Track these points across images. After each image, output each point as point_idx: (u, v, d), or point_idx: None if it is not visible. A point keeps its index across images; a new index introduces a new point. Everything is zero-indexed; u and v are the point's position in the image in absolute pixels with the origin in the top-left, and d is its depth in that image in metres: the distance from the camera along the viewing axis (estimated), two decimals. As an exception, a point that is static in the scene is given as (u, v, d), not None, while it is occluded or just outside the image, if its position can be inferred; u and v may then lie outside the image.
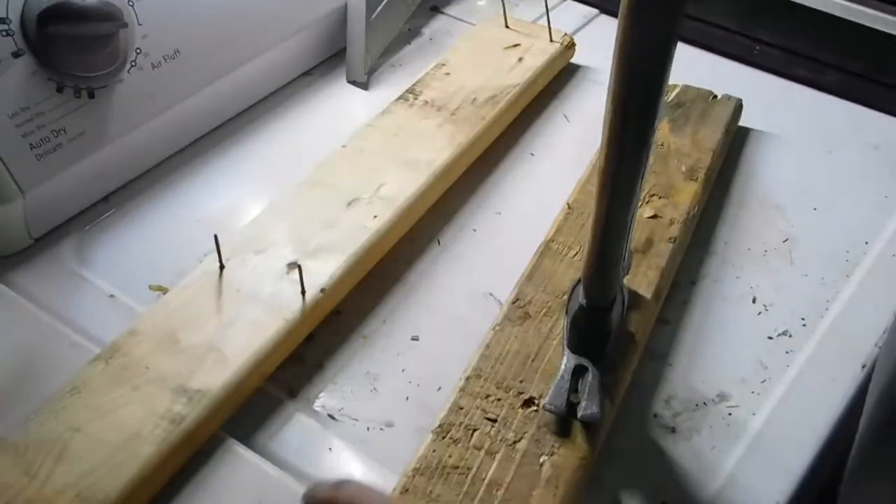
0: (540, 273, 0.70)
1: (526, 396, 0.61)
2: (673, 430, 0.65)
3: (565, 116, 0.94)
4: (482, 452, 0.58)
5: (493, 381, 0.62)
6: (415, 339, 0.71)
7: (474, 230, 0.81)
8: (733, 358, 0.70)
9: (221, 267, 0.69)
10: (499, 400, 0.61)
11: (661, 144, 0.83)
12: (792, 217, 0.82)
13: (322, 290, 0.68)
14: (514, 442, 0.58)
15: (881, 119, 0.94)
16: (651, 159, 0.75)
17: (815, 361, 0.69)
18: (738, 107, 0.90)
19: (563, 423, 0.60)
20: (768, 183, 0.86)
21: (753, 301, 0.74)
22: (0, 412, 0.63)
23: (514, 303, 0.68)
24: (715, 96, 0.90)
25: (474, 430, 0.59)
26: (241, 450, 0.62)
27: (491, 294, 0.74)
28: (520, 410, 0.60)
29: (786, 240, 0.80)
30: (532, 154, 0.89)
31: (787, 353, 0.70)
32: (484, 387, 0.62)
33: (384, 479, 0.59)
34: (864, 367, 0.69)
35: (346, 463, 0.62)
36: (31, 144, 0.72)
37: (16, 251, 0.75)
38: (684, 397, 0.67)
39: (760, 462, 0.63)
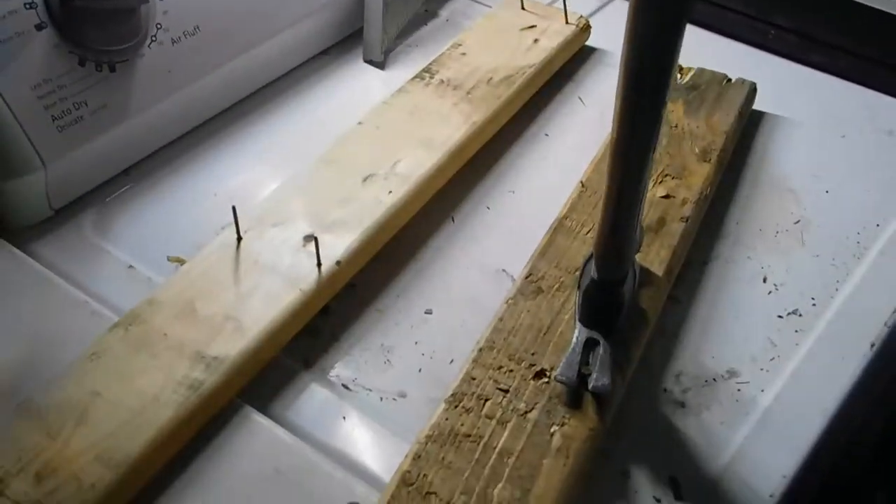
0: (553, 249, 0.71)
1: (538, 368, 0.62)
2: (682, 405, 0.65)
3: (580, 99, 0.95)
4: (494, 422, 0.59)
5: (505, 353, 0.63)
6: (428, 312, 0.72)
7: (488, 208, 0.81)
8: (743, 336, 0.70)
9: (239, 239, 0.70)
10: (511, 371, 0.62)
11: (675, 126, 0.84)
12: (804, 199, 0.83)
13: (338, 263, 0.69)
14: (526, 412, 0.59)
15: (895, 104, 0.95)
16: (664, 139, 0.77)
17: (825, 340, 0.70)
18: (752, 90, 0.90)
19: (575, 394, 0.61)
20: (781, 166, 0.86)
21: (764, 281, 0.75)
22: (22, 377, 0.64)
23: (526, 278, 0.69)
24: (729, 80, 0.91)
25: (486, 400, 0.60)
26: (257, 417, 0.63)
27: (504, 270, 0.74)
28: (531, 382, 0.61)
29: (797, 221, 0.80)
30: (546, 134, 0.90)
31: (796, 332, 0.71)
32: (496, 358, 0.63)
33: (396, 448, 0.60)
34: (872, 346, 0.69)
35: (359, 431, 0.63)
36: (52, 116, 0.73)
37: (37, 222, 0.77)
38: (694, 373, 0.68)
39: (769, 438, 0.63)
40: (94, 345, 0.62)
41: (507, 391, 0.61)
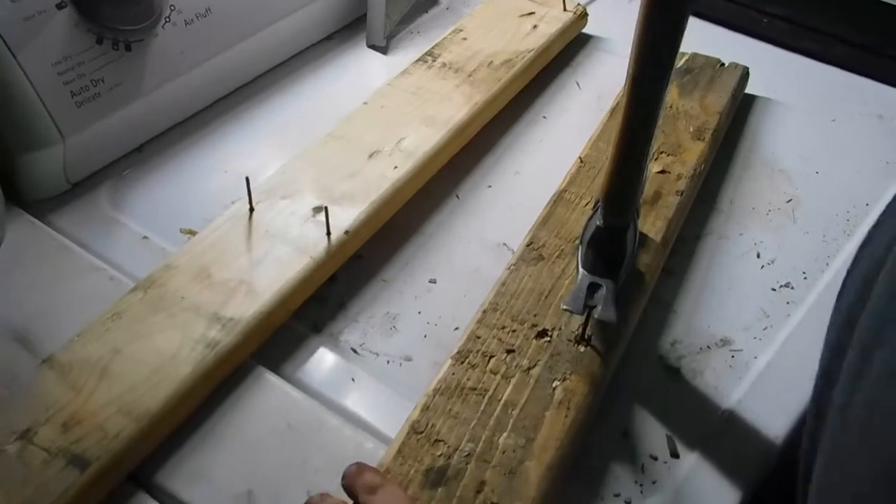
0: (553, 219, 0.74)
1: (539, 329, 0.65)
2: (678, 370, 0.68)
3: (577, 83, 0.97)
4: (498, 377, 0.61)
5: (508, 314, 0.66)
6: (432, 282, 0.74)
7: (489, 186, 0.84)
8: (737, 307, 0.73)
9: (251, 209, 0.73)
10: (514, 331, 0.65)
11: (671, 107, 0.87)
12: (796, 180, 0.85)
13: (346, 233, 0.71)
14: (529, 368, 0.62)
15: (886, 91, 0.98)
16: (660, 119, 0.80)
17: (816, 311, 0.73)
18: (745, 74, 0.94)
19: (576, 345, 0.64)
20: (773, 148, 0.89)
21: (757, 256, 0.78)
22: (45, 336, 0.66)
23: (528, 245, 0.72)
24: (722, 64, 0.94)
25: (491, 357, 0.63)
26: (270, 376, 0.65)
27: (504, 244, 0.77)
28: (534, 341, 0.64)
29: (789, 200, 0.83)
30: (545, 117, 0.93)
31: (788, 303, 0.74)
32: (500, 319, 0.65)
33: (403, 408, 0.62)
34: (860, 316, 0.72)
35: (367, 392, 0.65)
36: (71, 92, 0.76)
37: (54, 195, 0.79)
38: (689, 341, 0.70)
39: (761, 401, 0.66)
40: (114, 306, 0.65)
41: (510, 349, 0.63)
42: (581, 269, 0.65)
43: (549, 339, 0.64)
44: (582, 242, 0.67)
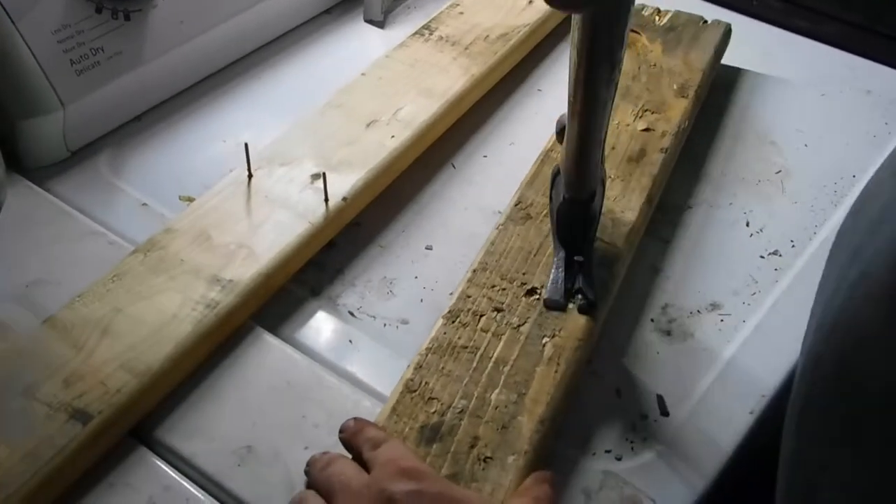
0: (540, 179, 0.75)
1: (528, 287, 0.66)
2: (668, 333, 0.69)
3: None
4: (489, 334, 0.63)
5: (497, 273, 0.67)
6: (428, 248, 0.75)
7: (485, 156, 0.85)
8: (726, 273, 0.75)
9: (250, 176, 0.74)
10: (503, 290, 0.66)
11: (654, 65, 0.88)
12: (785, 151, 0.87)
13: (344, 199, 0.73)
14: (518, 326, 0.63)
15: (875, 67, 0.99)
16: (644, 77, 0.82)
17: (803, 277, 0.74)
18: (728, 31, 0.94)
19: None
20: (764, 121, 0.90)
21: (747, 225, 0.79)
22: (46, 298, 0.67)
23: (516, 205, 0.73)
24: (705, 21, 0.95)
25: (481, 316, 0.64)
26: (269, 337, 0.67)
27: (499, 211, 0.78)
28: (523, 299, 0.65)
29: (778, 171, 0.84)
30: (539, 90, 0.94)
31: (776, 270, 0.75)
32: (489, 278, 0.67)
33: (400, 368, 0.63)
34: (848, 283, 0.73)
35: (364, 353, 0.67)
36: (71, 60, 0.77)
37: (54, 162, 0.80)
38: (679, 305, 0.72)
39: (749, 362, 0.68)
40: (115, 268, 0.66)
41: (500, 308, 0.65)
42: (556, 243, 0.67)
43: (537, 296, 0.65)
44: (552, 200, 0.68)
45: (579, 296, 0.65)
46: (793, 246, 0.77)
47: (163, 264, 0.66)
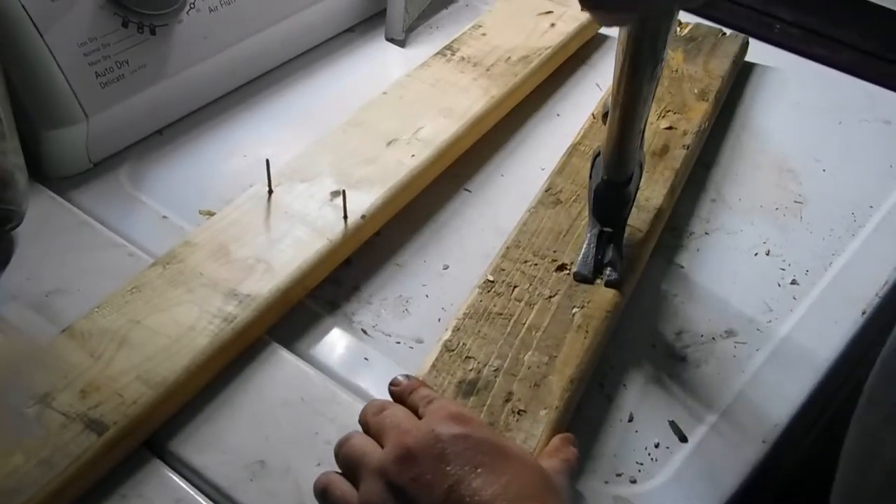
0: (569, 168, 0.80)
1: (559, 263, 0.70)
2: (683, 358, 0.70)
3: (597, 85, 0.99)
4: (522, 303, 0.67)
5: (530, 250, 0.72)
6: (445, 268, 0.76)
7: (502, 175, 0.86)
8: (742, 300, 0.75)
9: (270, 191, 0.74)
10: (535, 265, 0.70)
11: (676, 71, 0.93)
12: (803, 179, 0.87)
13: (363, 217, 0.73)
14: (550, 297, 0.68)
15: (893, 97, 0.99)
16: (666, 81, 0.88)
17: (819, 306, 0.74)
18: (745, 44, 1.00)
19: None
20: (782, 148, 0.91)
21: (763, 252, 0.79)
22: (65, 308, 0.68)
23: (546, 191, 0.77)
24: (724, 33, 1.00)
25: (515, 287, 0.68)
26: (284, 353, 0.67)
27: (517, 233, 0.79)
28: (554, 273, 0.70)
29: (796, 199, 0.84)
30: (558, 115, 0.95)
31: (792, 298, 0.75)
32: (522, 254, 0.71)
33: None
34: (863, 313, 0.74)
35: (379, 371, 0.67)
36: (96, 73, 0.78)
37: (76, 173, 0.81)
38: (694, 331, 0.72)
39: (762, 391, 0.67)
40: (133, 280, 0.67)
41: (532, 280, 0.69)
42: (590, 218, 0.71)
43: (567, 272, 0.70)
44: (589, 191, 0.71)
45: (608, 270, 0.69)
46: (808, 274, 0.77)
47: (181, 277, 0.67)
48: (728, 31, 1.00)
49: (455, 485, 0.49)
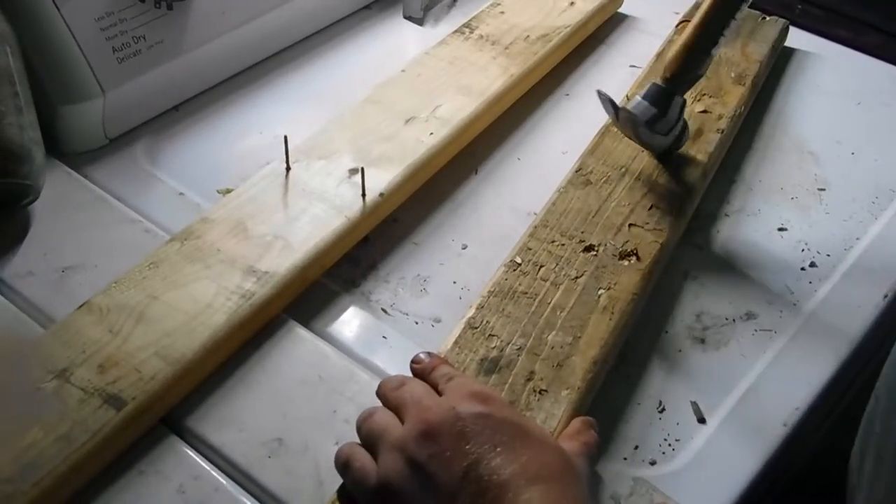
0: (601, 149, 0.80)
1: (587, 244, 0.70)
2: (703, 340, 0.69)
3: (632, 66, 0.97)
4: (548, 283, 0.67)
5: (557, 230, 0.71)
6: (463, 247, 0.75)
7: (518, 159, 0.85)
8: (762, 283, 0.74)
9: (288, 168, 0.74)
10: (563, 245, 0.70)
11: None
12: (825, 162, 0.86)
13: (381, 195, 0.73)
14: (576, 277, 0.67)
15: (917, 80, 0.98)
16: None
17: (840, 290, 0.73)
18: (785, 28, 0.98)
19: (620, 260, 0.69)
20: (802, 130, 0.90)
21: (784, 234, 0.78)
22: (82, 283, 0.68)
23: (577, 171, 0.77)
24: (764, 17, 0.99)
25: (541, 266, 0.68)
26: (301, 331, 0.67)
27: (534, 213, 0.78)
28: (581, 254, 0.69)
29: (817, 182, 0.84)
30: (567, 94, 0.94)
31: (813, 281, 0.74)
32: (549, 234, 0.71)
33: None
34: (885, 296, 0.73)
35: (397, 350, 0.66)
36: (113, 48, 0.77)
37: (92, 148, 0.81)
38: (714, 314, 0.71)
39: (783, 374, 0.67)
40: (151, 256, 0.66)
41: (559, 260, 0.69)
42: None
43: (595, 253, 0.70)
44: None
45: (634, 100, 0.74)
46: (830, 257, 0.76)
47: (199, 253, 0.66)
48: (768, 17, 0.98)
49: (474, 463, 0.49)
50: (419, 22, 1.01)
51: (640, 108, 0.74)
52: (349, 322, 0.69)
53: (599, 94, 0.75)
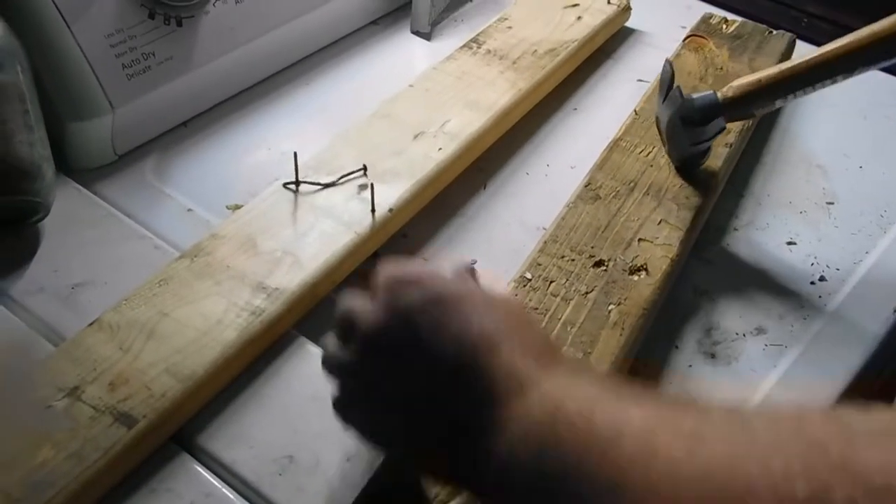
0: (610, 164, 0.80)
1: (596, 259, 0.70)
2: (713, 355, 0.69)
3: (640, 80, 0.98)
4: (558, 299, 0.67)
5: (567, 245, 0.71)
6: (473, 262, 0.75)
7: (527, 174, 0.85)
8: (772, 298, 0.74)
9: (297, 184, 0.74)
10: (573, 260, 0.70)
11: (720, 68, 0.92)
12: (833, 176, 0.86)
13: (390, 210, 0.73)
14: (586, 293, 0.67)
15: (923, 93, 0.98)
16: (710, 79, 0.89)
17: (849, 304, 0.73)
18: (792, 42, 0.98)
19: (630, 275, 0.69)
20: (809, 144, 0.90)
21: (793, 248, 0.78)
22: (92, 300, 0.68)
23: (586, 186, 0.77)
24: (771, 31, 0.99)
25: (551, 282, 0.68)
26: (312, 347, 0.66)
27: (543, 228, 0.78)
28: (591, 269, 0.69)
29: (826, 196, 0.84)
30: (575, 109, 0.94)
31: (823, 295, 0.74)
32: (559, 249, 0.71)
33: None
34: (895, 310, 0.73)
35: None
36: (122, 64, 0.77)
37: (101, 165, 0.81)
38: (724, 328, 0.71)
39: (794, 389, 0.67)
40: (161, 272, 0.66)
41: (569, 276, 0.69)
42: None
43: (605, 268, 0.69)
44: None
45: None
46: (839, 271, 0.76)
47: (209, 269, 0.66)
48: (774, 31, 0.99)
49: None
50: (427, 37, 1.02)
51: (704, 99, 0.75)
52: (359, 338, 0.68)
53: (667, 63, 0.77)
